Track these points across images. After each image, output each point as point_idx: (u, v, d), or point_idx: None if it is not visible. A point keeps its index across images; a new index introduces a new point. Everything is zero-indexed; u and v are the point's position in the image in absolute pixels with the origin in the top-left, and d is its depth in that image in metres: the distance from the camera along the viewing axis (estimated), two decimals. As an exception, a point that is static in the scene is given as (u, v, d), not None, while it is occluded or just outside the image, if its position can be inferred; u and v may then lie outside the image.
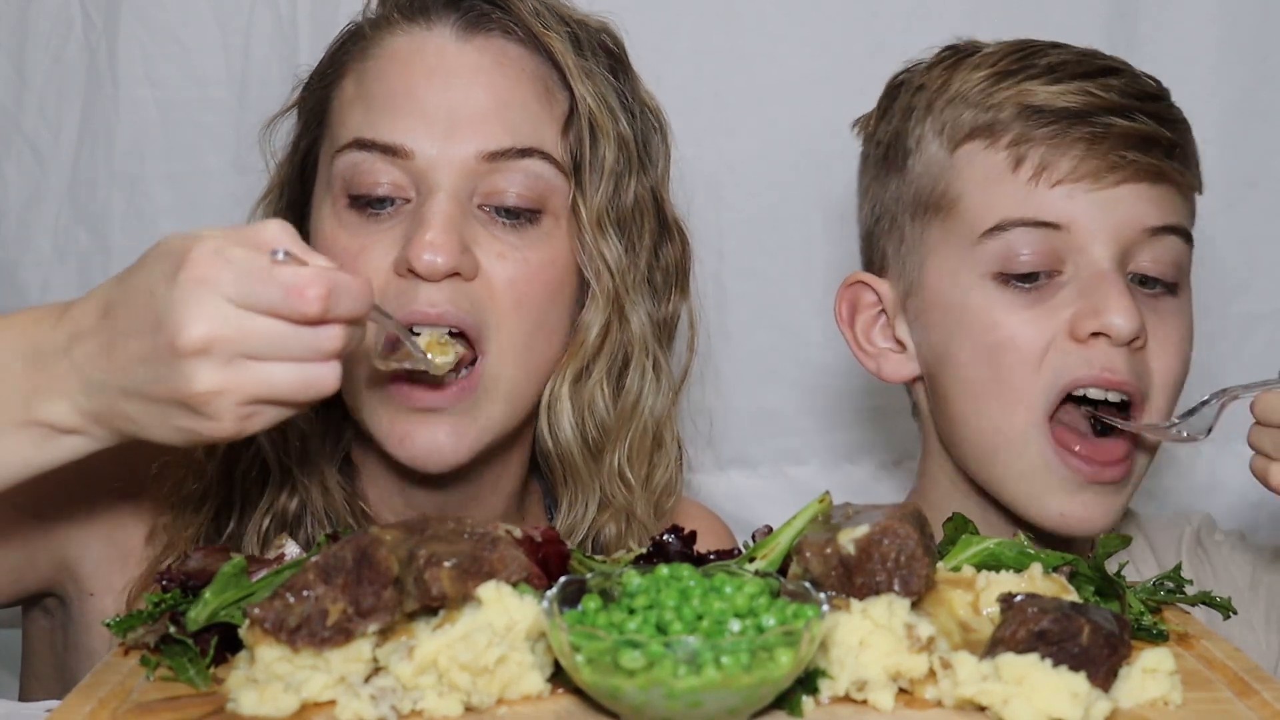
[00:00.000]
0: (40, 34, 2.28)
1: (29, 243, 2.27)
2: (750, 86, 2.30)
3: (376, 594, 1.18)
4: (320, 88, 1.66)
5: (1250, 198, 2.33)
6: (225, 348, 1.16)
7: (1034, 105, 1.60)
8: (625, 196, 1.62)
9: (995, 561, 1.35)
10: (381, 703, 1.13)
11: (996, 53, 1.66)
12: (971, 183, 1.63)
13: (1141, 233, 1.59)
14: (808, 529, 1.32)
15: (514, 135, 1.56)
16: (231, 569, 1.25)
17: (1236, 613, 1.40)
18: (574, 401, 1.62)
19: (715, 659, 1.06)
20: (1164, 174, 1.59)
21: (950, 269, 1.64)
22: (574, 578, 1.19)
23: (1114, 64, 1.65)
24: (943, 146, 1.65)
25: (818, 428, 2.37)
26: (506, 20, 1.60)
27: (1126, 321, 1.55)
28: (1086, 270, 1.58)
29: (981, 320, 1.61)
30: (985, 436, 1.64)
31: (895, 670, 1.16)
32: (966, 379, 1.64)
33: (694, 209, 2.30)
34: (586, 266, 1.60)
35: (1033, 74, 1.61)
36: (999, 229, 1.60)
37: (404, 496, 1.66)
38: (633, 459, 1.65)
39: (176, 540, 1.60)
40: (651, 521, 1.67)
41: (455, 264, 1.51)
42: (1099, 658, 1.15)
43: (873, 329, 1.75)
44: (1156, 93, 1.65)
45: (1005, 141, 1.60)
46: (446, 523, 1.25)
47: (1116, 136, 1.58)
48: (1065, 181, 1.58)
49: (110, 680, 1.21)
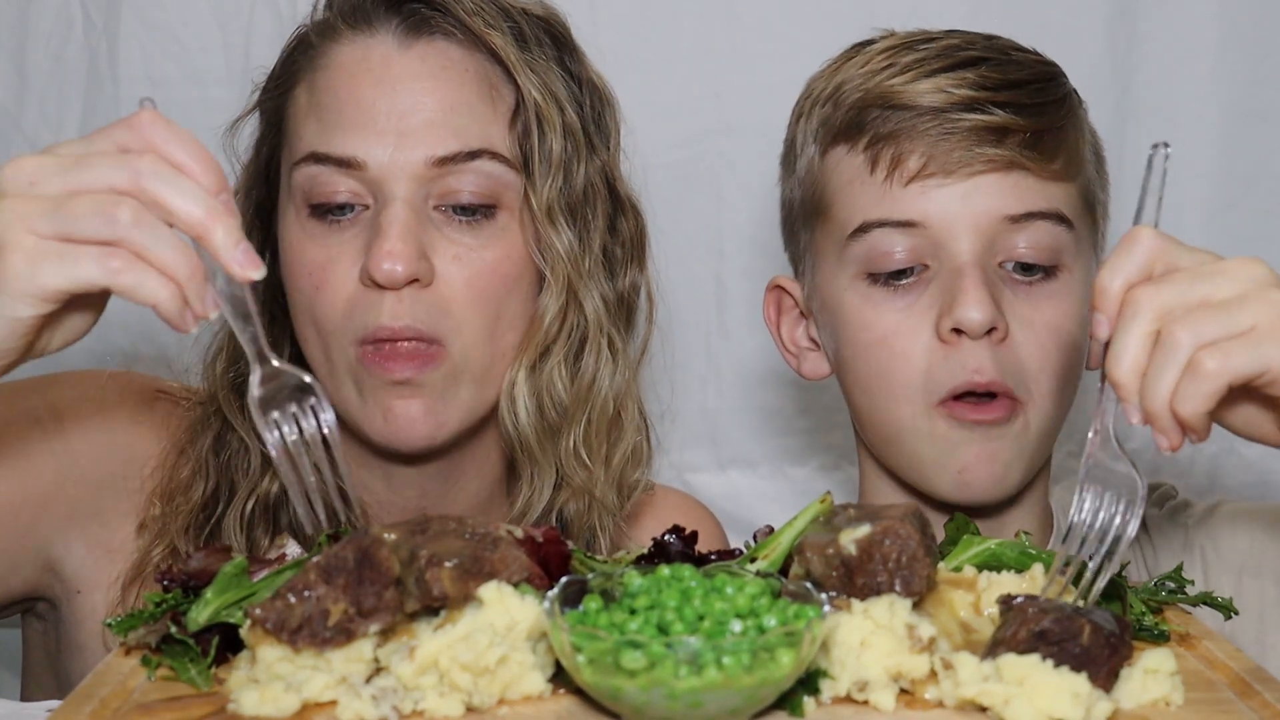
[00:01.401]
0: (40, 34, 2.28)
1: (29, 243, 2.27)
2: (750, 86, 2.30)
3: (378, 594, 1.18)
4: (276, 94, 1.69)
5: (1250, 197, 2.33)
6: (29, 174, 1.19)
7: (891, 104, 1.62)
8: (575, 183, 1.65)
9: (996, 562, 1.35)
10: (382, 703, 1.13)
11: (876, 49, 1.69)
12: (838, 186, 1.66)
13: (1002, 221, 1.61)
14: (809, 529, 1.32)
15: (461, 139, 1.59)
16: (233, 569, 1.25)
17: (1238, 613, 1.40)
18: (532, 386, 1.65)
19: (716, 659, 1.06)
20: (1017, 163, 1.60)
21: (830, 272, 1.68)
22: (575, 578, 1.19)
23: (983, 54, 1.65)
24: (817, 151, 1.70)
25: (818, 428, 2.37)
26: (446, 22, 1.62)
27: (978, 313, 1.57)
28: (948, 265, 1.61)
29: (857, 320, 1.66)
30: (882, 426, 1.68)
31: (896, 671, 1.16)
32: (855, 375, 1.69)
33: (694, 209, 2.31)
34: (539, 256, 1.63)
35: (895, 71, 1.64)
36: (862, 230, 1.63)
37: (386, 480, 1.69)
38: (590, 438, 1.68)
39: (167, 529, 1.62)
40: (613, 502, 1.70)
41: (413, 271, 1.55)
42: (1100, 658, 1.15)
43: (796, 329, 1.81)
44: (1025, 78, 1.65)
45: (863, 144, 1.64)
46: (448, 523, 1.25)
47: (965, 130, 1.59)
48: (917, 179, 1.60)
49: (111, 680, 1.21)
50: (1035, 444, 1.66)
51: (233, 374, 1.67)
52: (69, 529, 1.63)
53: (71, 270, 1.17)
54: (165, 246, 1.17)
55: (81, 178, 1.17)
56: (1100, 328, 1.22)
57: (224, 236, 1.18)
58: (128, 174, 1.17)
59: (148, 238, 1.16)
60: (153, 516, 1.64)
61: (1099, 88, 2.26)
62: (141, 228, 1.16)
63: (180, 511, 1.63)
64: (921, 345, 1.62)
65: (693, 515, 1.88)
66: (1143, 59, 2.31)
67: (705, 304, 2.33)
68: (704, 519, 1.91)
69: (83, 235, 1.16)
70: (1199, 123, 2.31)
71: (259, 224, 1.69)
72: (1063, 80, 1.70)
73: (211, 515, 1.64)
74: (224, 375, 1.68)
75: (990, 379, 1.60)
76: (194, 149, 1.21)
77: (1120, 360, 1.20)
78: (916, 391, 1.63)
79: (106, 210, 1.16)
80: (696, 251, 2.25)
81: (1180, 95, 2.31)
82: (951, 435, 1.63)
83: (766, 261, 2.28)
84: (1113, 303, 1.20)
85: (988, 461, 1.63)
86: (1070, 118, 1.68)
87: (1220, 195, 2.32)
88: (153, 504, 1.64)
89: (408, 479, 1.69)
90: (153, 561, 1.62)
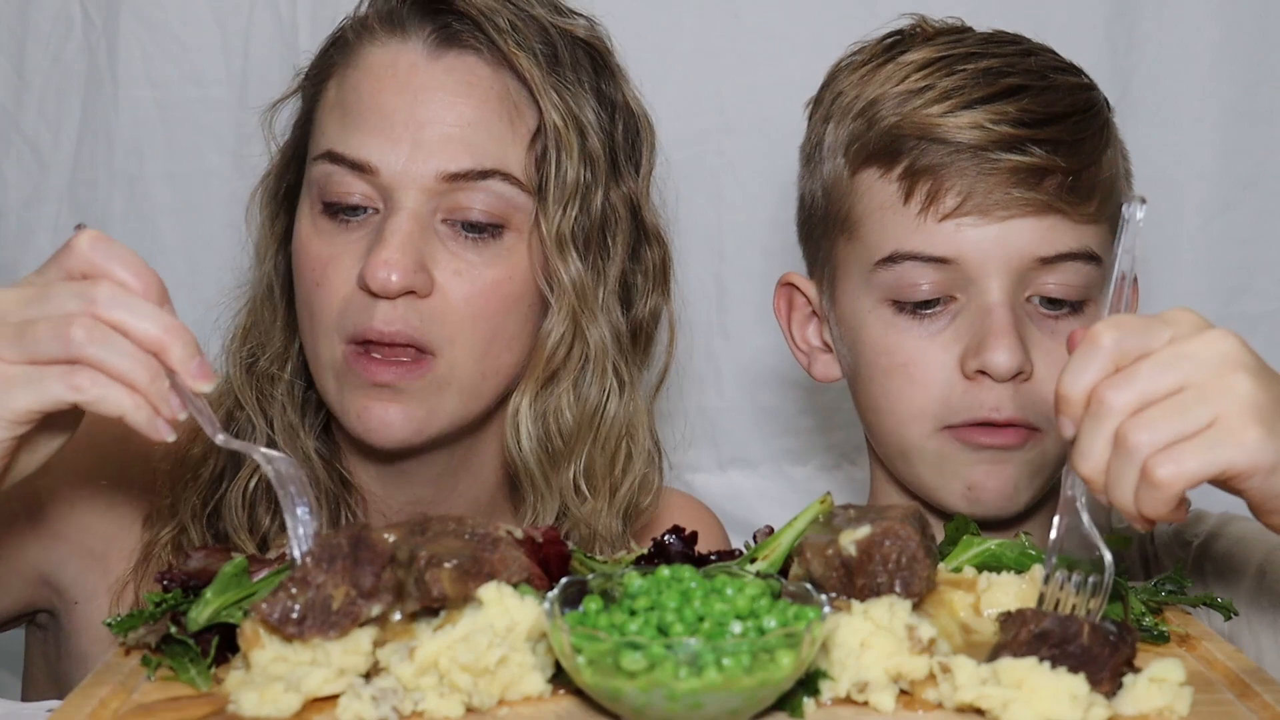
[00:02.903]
0: (40, 34, 2.28)
1: (29, 243, 2.27)
2: (750, 86, 2.30)
3: (376, 574, 1.18)
4: (313, 83, 1.70)
5: (1249, 198, 2.33)
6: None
7: (927, 136, 1.59)
8: (593, 210, 1.64)
9: (996, 563, 1.35)
10: (382, 703, 1.13)
11: (913, 63, 1.65)
12: (868, 209, 1.64)
13: (1034, 262, 1.59)
14: (809, 530, 1.32)
15: (476, 157, 1.58)
16: (233, 569, 1.25)
17: (1238, 613, 1.39)
18: (534, 413, 1.65)
19: (716, 660, 1.06)
20: (1054, 207, 1.58)
21: (854, 289, 1.67)
22: (575, 579, 1.19)
23: (1023, 80, 1.63)
24: (846, 165, 1.67)
25: (818, 428, 2.37)
26: (476, 38, 1.61)
27: (1007, 359, 1.56)
28: (977, 300, 1.60)
29: (879, 344, 1.64)
30: (892, 443, 1.67)
31: (896, 672, 1.16)
32: (869, 393, 1.67)
33: (694, 209, 2.31)
34: (544, 283, 1.63)
35: (933, 97, 1.61)
36: (892, 260, 1.61)
37: (380, 482, 1.71)
38: (592, 470, 1.67)
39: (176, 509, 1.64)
40: (616, 531, 1.69)
41: (409, 283, 1.55)
42: (1100, 657, 1.15)
43: (806, 327, 1.79)
44: (1065, 110, 1.62)
45: (897, 173, 1.61)
46: (448, 523, 1.25)
47: (1005, 172, 1.57)
48: (952, 216, 1.59)
49: (111, 680, 1.21)
50: (1050, 466, 1.64)
51: (246, 354, 1.69)
52: (59, 543, 1.64)
53: (39, 391, 1.21)
54: (122, 357, 1.21)
55: (42, 308, 1.22)
56: (1065, 429, 1.20)
57: (180, 351, 1.22)
58: (83, 302, 1.21)
59: (103, 351, 1.20)
60: (163, 504, 1.65)
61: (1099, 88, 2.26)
62: (96, 343, 1.20)
63: (190, 491, 1.65)
64: (942, 377, 1.60)
65: (695, 516, 1.87)
66: (1143, 59, 2.30)
67: (705, 304, 2.33)
68: (706, 520, 1.91)
69: (46, 356, 1.21)
70: (1199, 123, 2.31)
71: (286, 207, 1.70)
72: (1099, 104, 1.68)
73: (217, 492, 1.66)
74: (237, 352, 1.70)
75: (1008, 417, 1.59)
76: (136, 266, 1.25)
77: (1084, 460, 1.18)
78: (929, 418, 1.61)
79: (62, 331, 1.20)
80: (696, 251, 2.25)
81: (1180, 95, 2.31)
82: (960, 456, 1.61)
83: (767, 262, 2.28)
84: (1076, 409, 1.18)
85: (998, 479, 1.62)
86: (1107, 149, 1.65)
87: (1220, 195, 2.32)
88: (162, 492, 1.65)
89: (401, 482, 1.69)
90: (161, 542, 1.63)
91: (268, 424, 1.67)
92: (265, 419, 1.67)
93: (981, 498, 1.62)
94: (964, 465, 1.62)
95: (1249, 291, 2.34)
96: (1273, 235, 2.33)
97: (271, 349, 1.69)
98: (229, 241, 1.87)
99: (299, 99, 1.73)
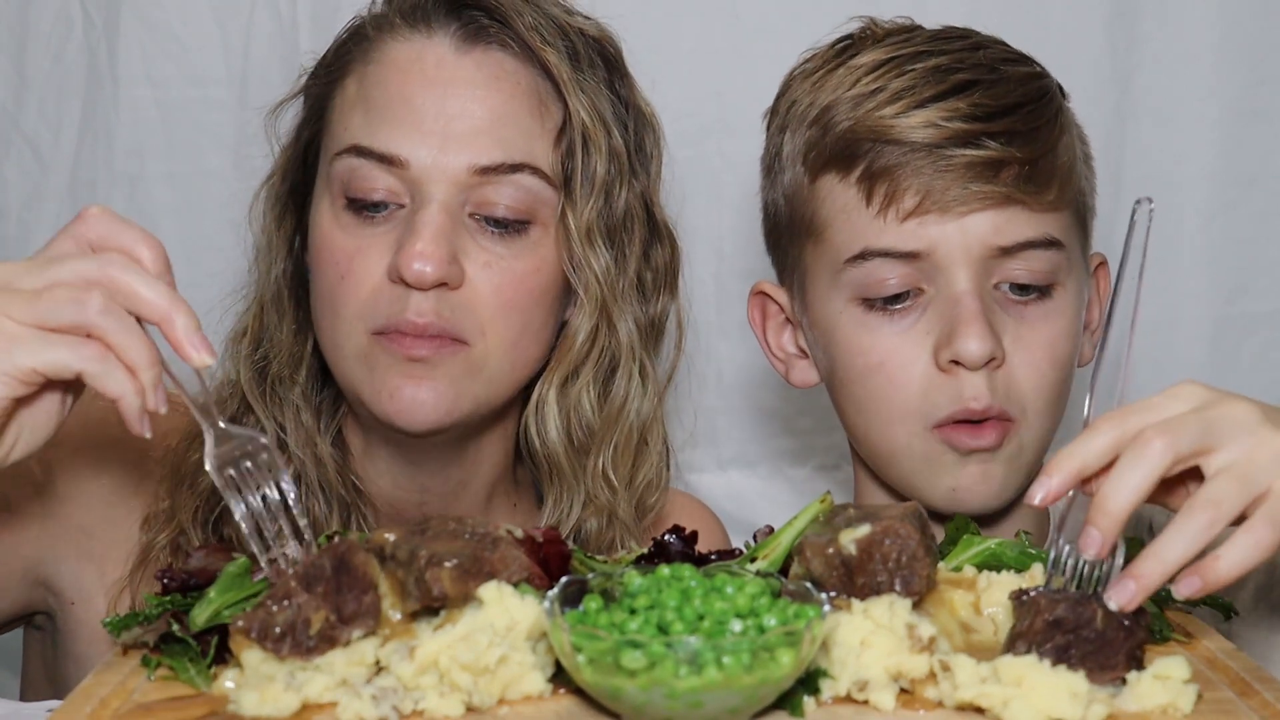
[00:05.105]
0: (40, 34, 2.28)
1: (29, 243, 2.27)
2: (750, 86, 2.30)
3: (357, 599, 1.19)
4: (324, 81, 1.69)
5: (1249, 197, 2.33)
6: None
7: (881, 138, 1.60)
8: (616, 206, 1.66)
9: (996, 562, 1.35)
10: (383, 703, 1.13)
11: (862, 65, 1.66)
12: (831, 214, 1.65)
13: (996, 250, 1.60)
14: (809, 529, 1.32)
15: (505, 150, 1.59)
16: (236, 569, 1.25)
17: (1239, 613, 1.39)
18: (561, 404, 1.67)
19: (716, 659, 1.06)
20: (1013, 198, 1.59)
21: (823, 291, 1.68)
22: (575, 578, 1.19)
23: (972, 75, 1.63)
24: (806, 173, 1.68)
25: (817, 428, 2.37)
26: (505, 34, 1.63)
27: (978, 346, 1.57)
28: (945, 291, 1.61)
29: (852, 345, 1.65)
30: (877, 445, 1.68)
31: (896, 670, 1.16)
32: (851, 397, 1.69)
33: (694, 209, 2.31)
34: (574, 275, 1.64)
35: (885, 99, 1.61)
36: (860, 258, 1.63)
37: (391, 476, 1.71)
38: (617, 461, 1.69)
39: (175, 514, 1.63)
40: (633, 521, 1.71)
41: (443, 274, 1.56)
42: (1116, 640, 1.16)
43: (781, 335, 1.80)
44: (1017, 101, 1.63)
45: (855, 176, 1.62)
46: (448, 523, 1.25)
47: (961, 167, 1.58)
48: (913, 215, 1.60)
49: (111, 680, 1.21)
50: (1029, 458, 1.66)
51: (259, 358, 1.69)
52: (56, 546, 1.64)
53: (45, 352, 1.22)
54: (130, 335, 1.23)
55: (56, 273, 1.23)
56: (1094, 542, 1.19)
57: (184, 323, 1.24)
58: (97, 266, 1.23)
59: (114, 324, 1.22)
60: (161, 508, 1.64)
61: (1099, 88, 2.26)
62: (109, 315, 1.22)
63: (188, 497, 1.64)
64: (918, 371, 1.62)
65: (696, 515, 1.88)
66: (1143, 59, 2.30)
67: (705, 304, 2.33)
68: (707, 519, 1.91)
69: (58, 323, 1.22)
70: (1199, 123, 2.31)
71: (292, 207, 1.70)
72: (1052, 91, 1.68)
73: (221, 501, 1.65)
74: (248, 357, 1.70)
75: (986, 405, 1.60)
76: (145, 239, 1.27)
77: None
78: (913, 415, 1.63)
79: (79, 298, 1.22)
80: (696, 252, 2.25)
81: (1180, 95, 2.30)
82: (945, 458, 1.63)
83: (766, 262, 2.28)
84: (1116, 525, 1.18)
85: (982, 481, 1.63)
86: (1062, 135, 1.66)
87: (1220, 195, 2.32)
88: (160, 496, 1.65)
89: (411, 471, 1.70)
90: (159, 545, 1.63)
91: (279, 427, 1.67)
92: (277, 423, 1.67)
93: (965, 499, 1.63)
94: (950, 467, 1.63)
95: (1249, 291, 2.34)
96: (1273, 235, 2.33)
97: (283, 352, 1.69)
98: (229, 241, 1.87)
99: (301, 99, 1.73)
